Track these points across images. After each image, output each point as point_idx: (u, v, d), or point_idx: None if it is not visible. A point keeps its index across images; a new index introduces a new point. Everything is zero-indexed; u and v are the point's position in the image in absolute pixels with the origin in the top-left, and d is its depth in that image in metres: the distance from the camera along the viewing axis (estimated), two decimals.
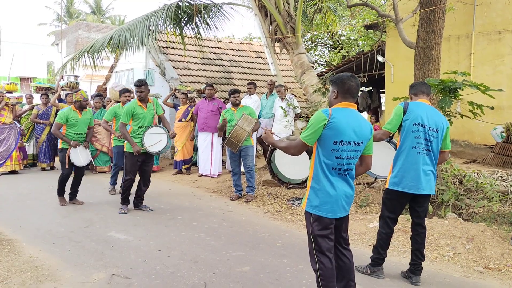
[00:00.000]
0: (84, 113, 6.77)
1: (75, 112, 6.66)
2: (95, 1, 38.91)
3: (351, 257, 3.27)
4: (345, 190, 3.08)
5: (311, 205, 3.09)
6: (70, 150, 6.57)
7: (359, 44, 19.09)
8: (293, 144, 3.18)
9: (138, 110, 6.24)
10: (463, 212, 5.71)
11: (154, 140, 6.27)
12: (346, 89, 3.08)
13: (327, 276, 3.05)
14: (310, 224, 3.10)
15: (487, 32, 10.25)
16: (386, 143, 4.30)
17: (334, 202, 3.04)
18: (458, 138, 10.27)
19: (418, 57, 6.44)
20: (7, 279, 3.96)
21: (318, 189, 3.06)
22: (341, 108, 3.07)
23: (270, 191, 7.52)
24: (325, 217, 3.05)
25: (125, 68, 13.67)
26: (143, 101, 6.29)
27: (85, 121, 6.78)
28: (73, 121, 6.62)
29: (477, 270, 4.30)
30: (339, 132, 2.97)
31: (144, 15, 10.13)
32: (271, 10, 9.63)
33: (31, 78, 26.41)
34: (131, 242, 5.08)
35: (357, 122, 3.04)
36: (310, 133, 3.03)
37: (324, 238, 3.08)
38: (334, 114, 3.00)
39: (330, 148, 3.00)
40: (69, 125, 6.63)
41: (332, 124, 2.97)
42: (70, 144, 6.54)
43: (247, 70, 14.07)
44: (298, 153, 3.18)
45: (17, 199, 7.25)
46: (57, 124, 6.58)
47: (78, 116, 6.67)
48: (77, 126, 6.67)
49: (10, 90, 10.85)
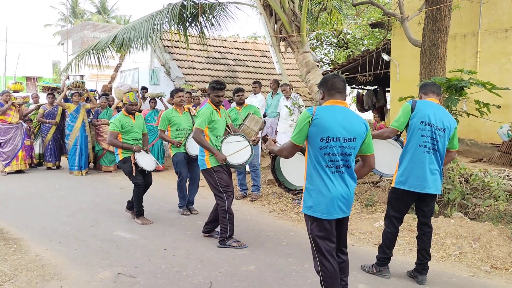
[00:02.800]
0: (137, 117, 6.06)
1: (128, 117, 5.93)
2: (101, 1, 39.03)
3: (347, 259, 3.25)
4: (341, 190, 3.01)
5: (306, 206, 3.07)
6: (135, 155, 5.83)
7: (365, 42, 19.03)
8: (284, 146, 3.19)
9: (216, 116, 5.12)
10: (470, 211, 5.68)
11: (235, 150, 5.13)
12: (330, 85, 3.08)
13: (329, 277, 3.03)
14: (309, 226, 3.09)
15: (493, 30, 10.19)
16: (393, 141, 4.27)
17: (329, 202, 2.98)
18: (464, 136, 10.22)
19: (424, 55, 6.41)
20: (14, 277, 3.99)
21: (312, 189, 3.04)
22: (327, 106, 3.06)
23: (275, 190, 7.51)
24: (321, 218, 3.00)
25: (131, 67, 13.71)
26: (217, 107, 5.22)
27: (140, 126, 6.05)
28: (128, 126, 5.86)
29: (483, 270, 4.28)
30: (324, 128, 2.95)
31: (149, 15, 10.14)
32: (276, 8, 9.61)
33: (37, 78, 26.56)
34: (137, 241, 5.10)
35: (346, 118, 3.01)
36: (296, 132, 3.04)
37: (324, 240, 3.04)
38: (318, 111, 2.99)
39: (318, 145, 2.98)
40: (124, 132, 5.85)
41: (316, 121, 2.96)
42: (133, 149, 5.81)
43: (252, 69, 14.06)
44: (290, 155, 3.17)
45: (23, 198, 7.29)
46: (113, 133, 5.79)
47: (132, 121, 5.92)
48: (132, 132, 5.91)
49: (16, 90, 10.90)
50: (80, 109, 9.71)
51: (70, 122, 9.71)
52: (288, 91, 8.96)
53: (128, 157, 5.82)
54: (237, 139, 5.19)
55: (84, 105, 9.87)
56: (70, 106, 9.71)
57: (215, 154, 4.92)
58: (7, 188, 8.08)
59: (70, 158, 9.69)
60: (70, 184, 8.58)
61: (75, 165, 9.60)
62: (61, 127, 10.37)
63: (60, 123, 10.34)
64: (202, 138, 4.99)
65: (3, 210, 6.45)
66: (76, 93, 9.82)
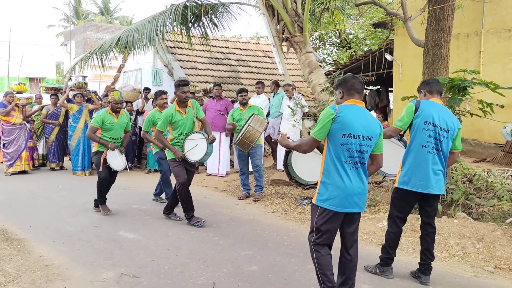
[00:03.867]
0: (121, 116, 6.24)
1: (112, 116, 6.14)
2: (103, 2, 39.14)
3: (355, 254, 3.30)
4: (357, 185, 3.13)
5: (321, 199, 3.17)
6: (107, 152, 6.09)
7: (367, 42, 19.01)
8: (304, 141, 3.32)
9: (177, 117, 5.61)
10: (473, 212, 5.66)
11: (194, 148, 5.61)
12: (350, 86, 3.23)
13: (323, 264, 3.16)
14: (316, 217, 3.20)
15: (496, 29, 10.16)
16: (396, 141, 4.26)
17: (344, 197, 3.10)
18: (467, 136, 10.19)
19: (427, 55, 6.40)
20: (18, 278, 4.00)
21: (328, 183, 3.15)
22: (348, 105, 3.20)
23: (278, 190, 7.51)
24: (333, 210, 3.11)
25: (133, 68, 13.73)
26: (183, 105, 5.65)
27: (122, 125, 6.26)
28: (109, 125, 6.10)
29: (487, 270, 4.27)
30: (347, 125, 3.08)
31: (152, 16, 10.18)
32: (279, 9, 9.61)
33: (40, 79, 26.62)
34: (140, 241, 5.10)
35: (364, 117, 3.16)
36: (319, 128, 3.15)
37: (327, 232, 3.16)
38: (341, 109, 3.13)
39: (339, 141, 3.10)
40: (105, 129, 6.11)
41: (339, 118, 3.09)
42: (108, 146, 6.06)
43: (254, 69, 14.06)
44: (310, 150, 3.29)
45: (27, 198, 7.31)
46: (92, 128, 6.08)
47: (114, 120, 6.14)
48: (113, 131, 6.15)
49: (19, 91, 10.93)
50: (82, 109, 9.73)
51: (73, 122, 9.74)
52: (290, 92, 8.95)
53: (101, 152, 6.12)
54: (197, 137, 5.63)
55: (87, 105, 9.90)
56: (73, 107, 9.74)
57: (173, 152, 5.59)
58: (11, 188, 8.10)
59: (73, 159, 9.71)
60: (73, 184, 8.60)
61: (78, 166, 9.63)
62: (64, 127, 10.40)
63: (63, 124, 10.38)
64: (162, 138, 5.66)
65: (7, 211, 6.47)
66: (79, 94, 9.85)
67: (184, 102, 5.64)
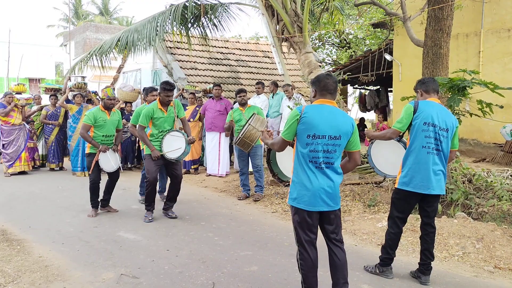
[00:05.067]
0: (113, 114, 6.21)
1: (104, 113, 6.11)
2: (103, 2, 39.14)
3: (342, 254, 3.29)
4: (323, 183, 3.15)
5: (291, 197, 3.24)
6: (99, 155, 6.06)
7: (367, 42, 19.02)
8: (275, 141, 3.41)
9: (158, 114, 5.79)
10: (473, 211, 5.66)
11: (172, 146, 5.78)
12: (323, 86, 3.24)
13: (306, 266, 3.20)
14: (292, 216, 3.29)
15: (496, 29, 10.17)
16: (396, 142, 4.27)
17: (312, 195, 3.14)
18: (467, 136, 10.21)
19: (427, 55, 6.40)
20: (17, 279, 3.99)
21: (297, 182, 3.21)
22: (316, 105, 3.23)
23: (278, 190, 7.51)
24: (303, 209, 3.16)
25: (133, 68, 13.73)
26: (165, 105, 5.84)
27: (114, 123, 6.23)
28: (101, 122, 6.06)
29: (487, 270, 4.27)
30: (311, 126, 3.12)
31: (152, 16, 10.17)
32: (278, 9, 9.61)
33: (40, 79, 26.63)
34: (140, 242, 5.10)
35: (333, 117, 3.16)
36: (286, 128, 3.24)
37: (304, 230, 3.21)
38: (306, 110, 3.17)
39: (304, 141, 3.15)
40: (97, 126, 6.08)
41: (304, 119, 3.14)
42: (99, 148, 6.03)
43: (254, 69, 14.07)
44: (281, 149, 3.38)
45: (26, 199, 7.31)
46: (85, 126, 6.02)
47: (106, 117, 6.11)
48: (105, 128, 6.12)
49: (19, 91, 10.92)
50: (82, 110, 9.72)
51: (72, 123, 9.73)
52: (290, 92, 8.96)
53: (93, 153, 6.10)
54: (177, 135, 5.80)
55: (87, 106, 9.89)
56: (72, 107, 9.74)
57: (151, 149, 5.72)
58: (10, 189, 8.10)
59: (72, 159, 9.70)
60: (73, 185, 8.60)
61: (78, 166, 9.62)
62: (64, 128, 10.41)
63: (63, 124, 10.38)
64: (143, 134, 5.79)
65: (6, 211, 6.47)
66: (78, 94, 9.84)
67: (166, 104, 5.83)
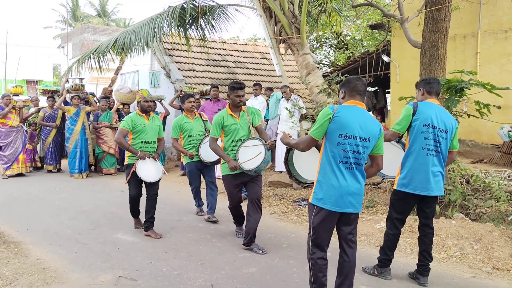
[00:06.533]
0: (152, 119, 5.51)
1: (142, 117, 5.42)
2: (101, 4, 39.08)
3: (354, 256, 3.31)
4: (352, 185, 3.14)
5: (316, 197, 3.20)
6: (137, 163, 5.31)
7: (365, 44, 19.04)
8: (302, 140, 3.37)
9: (229, 121, 4.98)
10: (471, 212, 5.67)
11: (250, 155, 4.81)
12: (352, 87, 3.24)
13: (317, 268, 3.20)
14: (312, 216, 3.23)
15: (493, 31, 10.19)
16: (395, 143, 4.28)
17: (339, 196, 3.11)
18: (465, 137, 10.21)
19: (424, 56, 6.41)
20: (15, 281, 3.98)
21: (324, 182, 3.17)
22: (347, 106, 3.21)
23: (276, 192, 7.50)
24: (328, 209, 3.13)
25: (131, 70, 13.71)
26: (236, 110, 5.05)
27: (154, 128, 5.49)
28: (139, 126, 5.36)
29: (485, 271, 4.27)
30: (343, 125, 3.10)
31: (149, 18, 10.16)
32: (276, 11, 9.63)
33: (38, 81, 26.54)
34: (138, 243, 5.09)
35: (363, 119, 3.16)
36: (317, 127, 3.19)
37: (323, 231, 3.19)
38: (339, 109, 3.16)
39: (335, 141, 3.12)
40: (135, 132, 5.37)
41: (337, 118, 3.11)
42: (137, 155, 5.28)
43: (252, 71, 14.07)
44: (307, 148, 3.33)
45: (24, 201, 7.28)
46: (122, 131, 5.34)
47: (145, 121, 5.41)
48: (144, 134, 5.38)
49: (16, 93, 10.89)
50: (80, 112, 9.72)
51: (70, 125, 9.72)
52: (288, 93, 8.96)
53: (131, 164, 5.37)
54: (254, 143, 4.88)
55: (84, 108, 9.88)
56: (70, 109, 9.72)
57: (227, 161, 4.85)
58: (8, 191, 8.07)
59: (70, 161, 9.69)
60: (70, 187, 8.58)
61: (76, 168, 9.60)
62: (62, 130, 10.39)
63: (60, 126, 10.36)
64: (216, 146, 4.98)
65: (3, 213, 6.45)
66: (76, 96, 9.83)
67: (237, 106, 5.04)
